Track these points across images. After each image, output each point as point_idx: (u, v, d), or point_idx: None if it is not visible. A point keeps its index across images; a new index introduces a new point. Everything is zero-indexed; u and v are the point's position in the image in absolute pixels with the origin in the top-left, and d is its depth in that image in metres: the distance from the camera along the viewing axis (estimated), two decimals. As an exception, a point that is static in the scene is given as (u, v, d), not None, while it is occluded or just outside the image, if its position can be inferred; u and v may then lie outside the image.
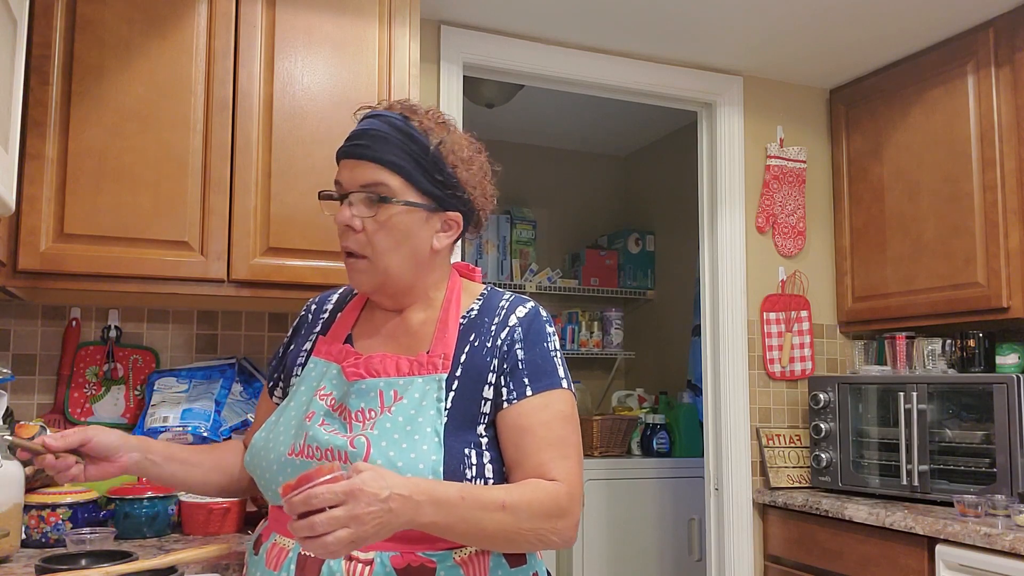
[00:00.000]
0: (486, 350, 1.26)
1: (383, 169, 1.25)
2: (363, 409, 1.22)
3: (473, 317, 1.30)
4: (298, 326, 1.44)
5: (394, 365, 1.25)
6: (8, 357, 2.12)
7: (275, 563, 1.21)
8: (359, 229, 1.25)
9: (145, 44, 1.93)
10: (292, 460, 1.22)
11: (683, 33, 2.78)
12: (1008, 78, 2.57)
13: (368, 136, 1.26)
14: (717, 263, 3.05)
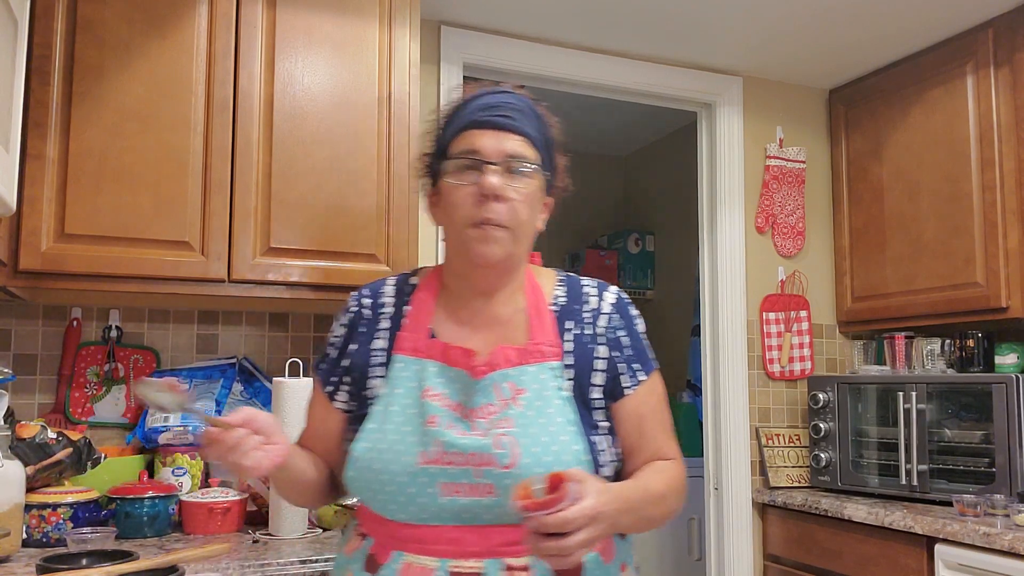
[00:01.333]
0: (588, 337, 1.26)
1: (527, 142, 1.24)
2: (484, 406, 1.17)
3: (563, 304, 1.29)
4: (353, 324, 1.30)
5: (504, 356, 1.21)
6: (9, 357, 2.12)
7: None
8: (506, 199, 1.19)
9: (145, 44, 1.94)
10: (427, 469, 1.13)
11: (683, 33, 2.78)
12: (1007, 78, 2.57)
13: (509, 108, 1.24)
14: (717, 263, 3.05)
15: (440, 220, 1.28)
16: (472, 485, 1.12)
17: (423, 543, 1.13)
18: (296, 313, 2.41)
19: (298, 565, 1.66)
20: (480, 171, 1.20)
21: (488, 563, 1.11)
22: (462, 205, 1.20)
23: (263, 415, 1.13)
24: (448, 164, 1.24)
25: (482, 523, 1.13)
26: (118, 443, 2.17)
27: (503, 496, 1.10)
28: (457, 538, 1.13)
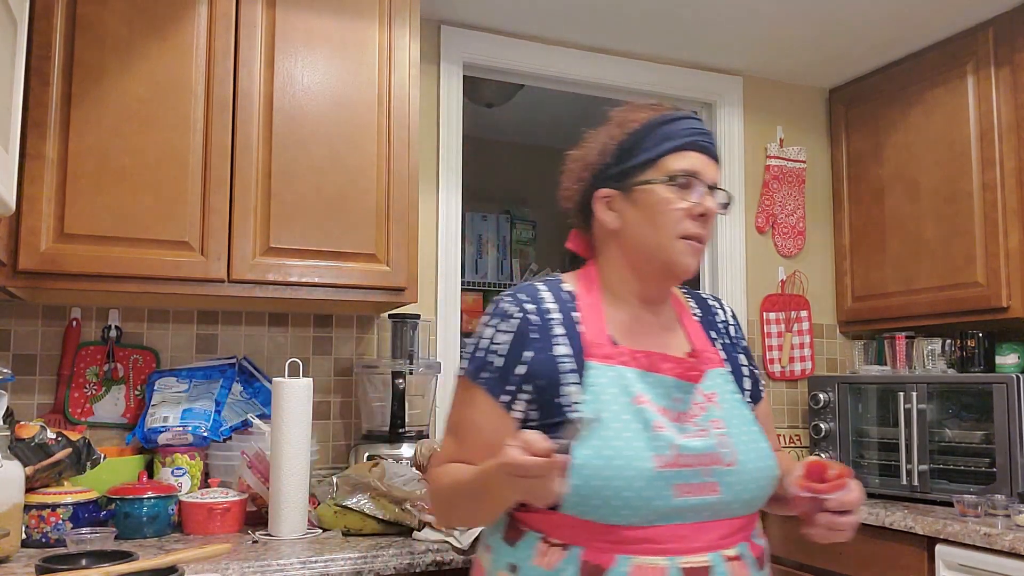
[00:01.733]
0: (730, 346, 1.38)
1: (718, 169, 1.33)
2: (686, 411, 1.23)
3: (699, 315, 1.39)
4: (522, 332, 1.25)
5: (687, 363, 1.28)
6: (8, 357, 2.12)
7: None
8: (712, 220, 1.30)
9: (145, 45, 1.93)
10: (663, 472, 1.14)
11: (683, 33, 2.78)
12: (1008, 78, 2.57)
13: (711, 137, 1.33)
14: (717, 263, 3.05)
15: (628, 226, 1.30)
16: (700, 484, 1.17)
17: (653, 543, 1.14)
18: (296, 313, 2.41)
19: (298, 566, 1.66)
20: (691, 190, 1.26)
21: (712, 556, 1.16)
22: (675, 218, 1.25)
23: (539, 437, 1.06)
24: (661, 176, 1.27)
25: (702, 520, 1.17)
26: (117, 443, 2.17)
27: (725, 492, 1.18)
28: (684, 535, 1.16)
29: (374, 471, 1.96)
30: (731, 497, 1.19)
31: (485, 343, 1.27)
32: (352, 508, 1.90)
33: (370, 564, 1.71)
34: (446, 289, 2.64)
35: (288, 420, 1.91)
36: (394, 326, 2.40)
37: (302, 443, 1.92)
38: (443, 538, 1.83)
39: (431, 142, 2.64)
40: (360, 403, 2.42)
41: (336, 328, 2.46)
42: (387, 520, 1.90)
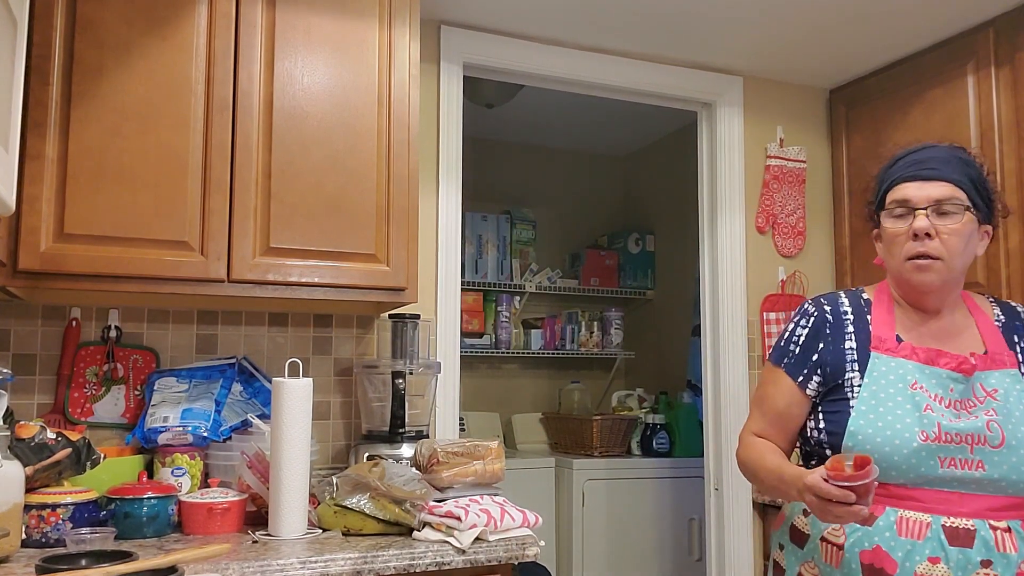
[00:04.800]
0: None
1: (952, 186, 1.49)
2: (966, 399, 1.45)
3: (1004, 321, 1.56)
4: (817, 326, 1.59)
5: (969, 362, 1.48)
6: (8, 357, 2.12)
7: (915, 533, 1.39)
8: (934, 236, 1.47)
9: (145, 44, 1.93)
10: (928, 445, 1.40)
11: (683, 33, 2.78)
12: (1008, 78, 2.57)
13: (934, 161, 1.52)
14: (717, 263, 3.05)
15: (883, 255, 1.59)
16: (965, 460, 1.39)
17: (919, 501, 1.40)
18: (296, 313, 2.41)
19: (298, 566, 1.66)
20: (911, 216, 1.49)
21: (978, 523, 1.38)
22: (899, 244, 1.52)
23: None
24: (885, 212, 1.55)
25: (970, 491, 1.40)
26: (117, 443, 2.17)
27: (991, 470, 1.39)
28: (951, 500, 1.39)
29: (374, 471, 1.96)
30: (999, 475, 1.39)
31: (787, 335, 1.63)
32: (352, 508, 1.90)
33: (370, 564, 1.71)
34: (446, 289, 2.64)
35: (288, 420, 1.91)
36: (394, 326, 2.40)
37: (302, 443, 1.92)
38: (443, 538, 1.83)
39: (431, 142, 2.64)
40: (360, 403, 2.42)
41: (336, 328, 2.46)
42: (387, 520, 1.89)
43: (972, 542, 1.36)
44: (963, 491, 1.40)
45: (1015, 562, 1.35)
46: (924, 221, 1.47)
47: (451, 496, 1.97)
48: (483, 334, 4.17)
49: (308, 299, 2.05)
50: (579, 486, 3.70)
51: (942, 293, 1.53)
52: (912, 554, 1.37)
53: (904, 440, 1.41)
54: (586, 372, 4.54)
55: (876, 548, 1.40)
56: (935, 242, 1.47)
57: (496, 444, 2.09)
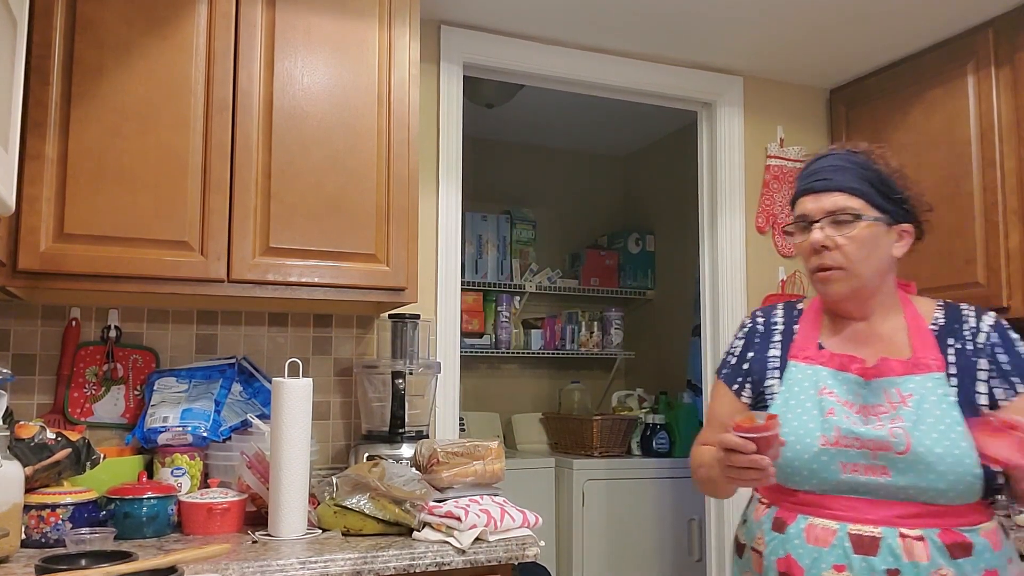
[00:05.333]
0: (970, 351, 1.46)
1: (845, 194, 1.49)
2: (876, 405, 1.43)
3: (942, 324, 1.51)
4: (749, 337, 1.64)
5: (888, 366, 1.45)
6: (8, 357, 2.12)
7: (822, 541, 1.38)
8: (832, 247, 1.48)
9: (145, 44, 1.93)
10: (827, 450, 1.40)
11: (683, 33, 2.78)
12: (1008, 78, 2.57)
13: (827, 171, 1.51)
14: (717, 263, 3.05)
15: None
16: (868, 466, 1.38)
17: (826, 508, 1.39)
18: (295, 313, 2.41)
19: (297, 566, 1.66)
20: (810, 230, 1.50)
21: (886, 530, 1.35)
22: (805, 257, 1.53)
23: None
24: (789, 228, 1.57)
25: (878, 497, 1.37)
26: (117, 443, 2.17)
27: (897, 477, 1.36)
28: (859, 507, 1.37)
29: (374, 471, 1.96)
30: (905, 483, 1.36)
31: (728, 348, 1.68)
32: (352, 508, 1.90)
33: (370, 564, 1.71)
34: (446, 289, 2.64)
35: (288, 420, 1.91)
36: (394, 326, 2.40)
37: (302, 443, 1.92)
38: (443, 538, 1.83)
39: (431, 142, 2.64)
40: (360, 403, 2.41)
41: (336, 328, 2.46)
42: (387, 520, 1.89)
43: (876, 550, 1.34)
44: (872, 498, 1.38)
45: (926, 571, 1.32)
46: (818, 234, 1.48)
47: (451, 496, 1.97)
48: (483, 334, 4.17)
49: (308, 299, 2.05)
50: (579, 486, 3.70)
51: (857, 300, 1.52)
52: (818, 562, 1.37)
53: (805, 445, 1.41)
54: (586, 372, 4.54)
55: (787, 556, 1.41)
56: (834, 253, 1.47)
57: (496, 444, 2.09)
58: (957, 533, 1.35)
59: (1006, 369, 1.44)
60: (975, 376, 1.44)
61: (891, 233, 1.53)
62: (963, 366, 1.45)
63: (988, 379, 1.44)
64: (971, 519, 1.38)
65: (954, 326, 1.50)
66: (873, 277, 1.51)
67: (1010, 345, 1.48)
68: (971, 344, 1.47)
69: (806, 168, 1.56)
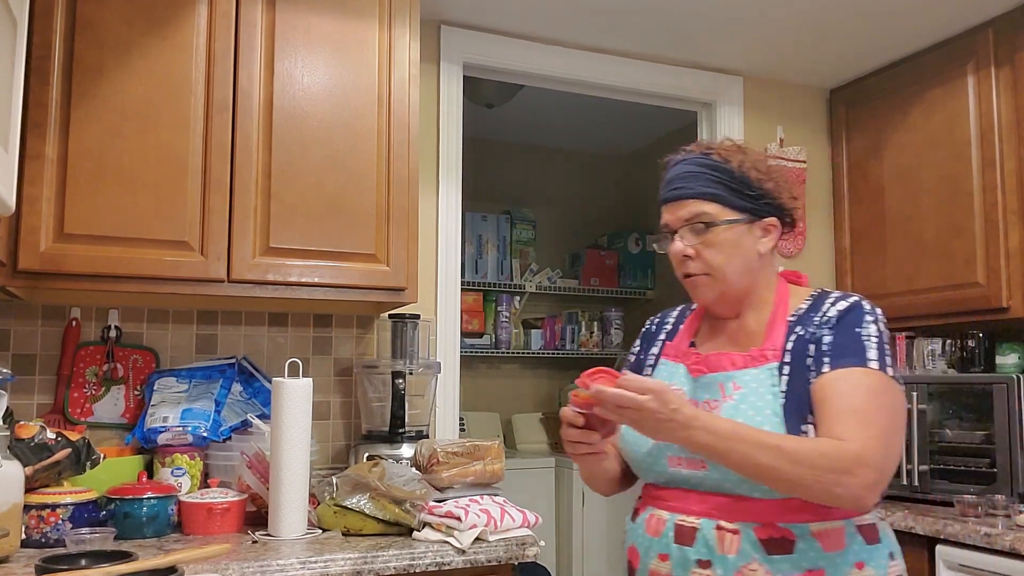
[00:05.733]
0: (807, 338, 1.40)
1: (700, 200, 1.48)
2: (708, 400, 1.41)
3: (801, 314, 1.45)
4: (645, 337, 1.68)
5: (729, 361, 1.44)
6: (8, 357, 2.12)
7: (655, 531, 1.40)
8: (694, 256, 1.47)
9: (145, 45, 1.93)
10: (659, 444, 1.40)
11: (683, 33, 2.78)
12: (1008, 78, 2.57)
13: (680, 179, 1.53)
14: (717, 263, 3.04)
15: None
16: (689, 459, 1.37)
17: (663, 500, 1.42)
18: (296, 313, 2.41)
19: (297, 566, 1.66)
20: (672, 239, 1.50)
21: (704, 522, 1.34)
22: (674, 266, 1.53)
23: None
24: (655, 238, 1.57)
25: (702, 490, 1.36)
26: (117, 443, 2.17)
27: (712, 469, 1.34)
28: (687, 499, 1.38)
29: (374, 471, 1.96)
30: (719, 475, 1.33)
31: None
32: (352, 508, 1.90)
33: (370, 564, 1.71)
34: (446, 289, 2.64)
35: (288, 420, 1.91)
36: (394, 326, 2.40)
37: (302, 443, 1.92)
38: (443, 538, 1.83)
39: (431, 142, 2.64)
40: (360, 403, 2.41)
41: (336, 328, 2.46)
42: (387, 520, 1.89)
43: (693, 541, 1.35)
44: (696, 490, 1.38)
45: (734, 564, 1.30)
46: (677, 245, 1.49)
47: (451, 496, 1.97)
48: (483, 334, 4.17)
49: (308, 299, 2.05)
50: (579, 486, 3.70)
51: (727, 301, 1.50)
52: (650, 550, 1.40)
53: (641, 440, 1.43)
54: (586, 372, 4.54)
55: (632, 545, 1.46)
56: (695, 261, 1.47)
57: (496, 444, 2.09)
58: (780, 529, 1.31)
59: (824, 350, 1.36)
60: (806, 364, 1.38)
61: (754, 230, 1.47)
62: (797, 354, 1.39)
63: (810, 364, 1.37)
64: (802, 516, 1.31)
65: (811, 314, 1.44)
66: (740, 277, 1.47)
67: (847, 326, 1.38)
68: (812, 330, 1.41)
69: (664, 176, 1.58)
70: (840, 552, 1.32)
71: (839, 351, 1.35)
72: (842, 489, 1.25)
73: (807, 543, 1.31)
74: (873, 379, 1.33)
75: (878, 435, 1.28)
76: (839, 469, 1.25)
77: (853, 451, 1.26)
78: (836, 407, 1.31)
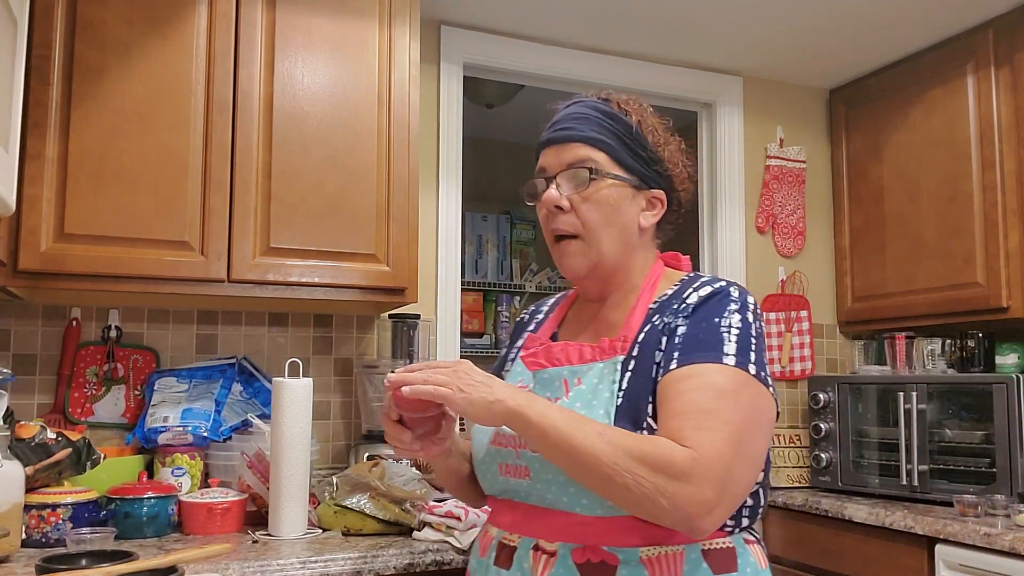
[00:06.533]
0: (661, 328, 1.20)
1: (588, 146, 1.25)
2: (548, 397, 1.20)
3: (664, 300, 1.25)
4: (516, 328, 1.49)
5: (577, 353, 1.25)
6: (8, 357, 2.12)
7: (483, 549, 1.27)
8: (568, 208, 1.24)
9: (145, 45, 1.93)
10: (491, 449, 1.25)
11: (683, 33, 2.78)
12: (1008, 78, 2.57)
13: (570, 119, 1.27)
14: (717, 263, 3.05)
15: None
16: (514, 466, 1.20)
17: (494, 515, 1.27)
18: (296, 313, 2.41)
19: (298, 566, 1.66)
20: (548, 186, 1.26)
21: (524, 540, 1.18)
22: (543, 223, 1.29)
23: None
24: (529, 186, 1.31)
25: (529, 503, 1.19)
26: (117, 443, 2.17)
27: (535, 478, 1.17)
28: (508, 512, 1.22)
29: (374, 471, 1.96)
30: (542, 485, 1.15)
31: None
32: (352, 508, 1.90)
33: (370, 564, 1.71)
34: (446, 289, 2.64)
35: (288, 420, 1.91)
36: (394, 326, 2.40)
37: (302, 443, 1.92)
38: (443, 538, 1.83)
39: (431, 142, 2.64)
40: (360, 403, 2.42)
41: (336, 328, 2.46)
42: (387, 520, 1.90)
43: (510, 563, 1.17)
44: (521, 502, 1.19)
45: None
46: (552, 192, 1.24)
47: (451, 496, 1.97)
48: (483, 334, 4.17)
49: (308, 299, 2.05)
50: (579, 486, 3.70)
51: (597, 278, 1.28)
52: (477, 572, 1.24)
53: (480, 446, 1.26)
54: (586, 372, 4.54)
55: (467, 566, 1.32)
56: (569, 216, 1.24)
57: (496, 444, 2.09)
58: (602, 552, 1.11)
59: (675, 343, 1.16)
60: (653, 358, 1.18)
61: (638, 198, 1.28)
62: (646, 346, 1.20)
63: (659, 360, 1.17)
64: (631, 538, 1.11)
65: (672, 301, 1.24)
66: (614, 248, 1.25)
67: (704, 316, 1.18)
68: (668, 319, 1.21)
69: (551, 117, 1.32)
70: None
71: (691, 344, 1.14)
72: (667, 501, 1.02)
73: (631, 571, 1.10)
74: (726, 376, 1.11)
75: (723, 442, 1.05)
76: (666, 473, 1.02)
77: (688, 455, 1.03)
78: (675, 408, 1.09)
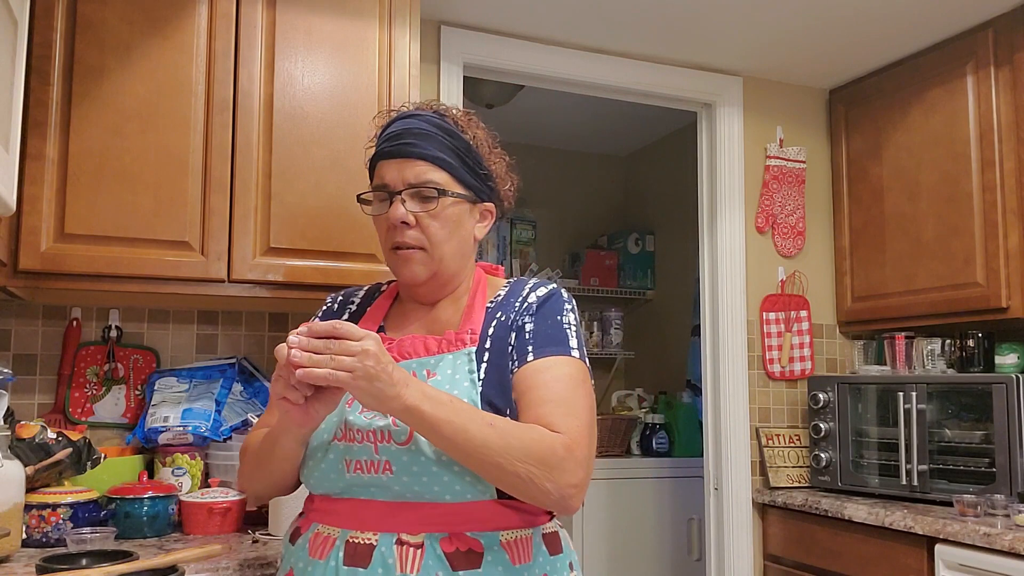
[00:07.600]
0: (508, 324, 1.30)
1: (431, 165, 1.32)
2: None
3: (500, 300, 1.36)
4: (325, 316, 1.48)
5: (423, 345, 1.30)
6: (9, 357, 2.12)
7: (320, 552, 1.22)
8: (413, 224, 1.31)
9: (146, 45, 1.94)
10: (336, 445, 1.23)
11: (683, 33, 2.78)
12: (1008, 78, 2.57)
13: (411, 135, 1.33)
14: (717, 263, 3.05)
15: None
16: (372, 462, 1.20)
17: (331, 515, 1.23)
18: (296, 313, 2.41)
19: (298, 565, 1.66)
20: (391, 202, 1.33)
21: (383, 536, 1.18)
22: (380, 232, 1.37)
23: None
24: (367, 195, 1.40)
25: (384, 499, 1.20)
26: (118, 443, 2.17)
27: (399, 473, 1.18)
28: (359, 511, 1.20)
29: (374, 471, 1.96)
30: (407, 479, 1.18)
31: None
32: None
33: (370, 564, 1.71)
34: (446, 289, 2.64)
35: (288, 420, 1.90)
36: (394, 326, 2.40)
37: (302, 443, 1.92)
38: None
39: (431, 142, 2.64)
40: (360, 403, 2.41)
41: (336, 328, 2.46)
42: (387, 520, 1.89)
43: (368, 561, 1.16)
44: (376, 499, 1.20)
45: None
46: (399, 210, 1.31)
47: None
48: (483, 334, 4.17)
49: (308, 299, 2.05)
50: (579, 486, 3.70)
51: (434, 284, 1.36)
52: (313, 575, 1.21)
53: (321, 442, 1.25)
54: (586, 372, 4.54)
55: (290, 571, 1.26)
56: (414, 231, 1.31)
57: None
58: (468, 539, 1.17)
59: (527, 338, 1.27)
60: (507, 351, 1.27)
61: (474, 212, 1.38)
62: (497, 339, 1.28)
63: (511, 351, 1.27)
64: (492, 523, 1.19)
65: (510, 299, 1.34)
66: (454, 259, 1.35)
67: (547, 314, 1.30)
68: (513, 316, 1.31)
69: (387, 126, 1.38)
70: (527, 565, 1.21)
71: (542, 339, 1.27)
72: (552, 484, 1.14)
73: (495, 556, 1.18)
74: (575, 368, 1.26)
75: (584, 427, 1.20)
76: (549, 460, 1.14)
77: (563, 442, 1.16)
78: (541, 396, 1.21)
